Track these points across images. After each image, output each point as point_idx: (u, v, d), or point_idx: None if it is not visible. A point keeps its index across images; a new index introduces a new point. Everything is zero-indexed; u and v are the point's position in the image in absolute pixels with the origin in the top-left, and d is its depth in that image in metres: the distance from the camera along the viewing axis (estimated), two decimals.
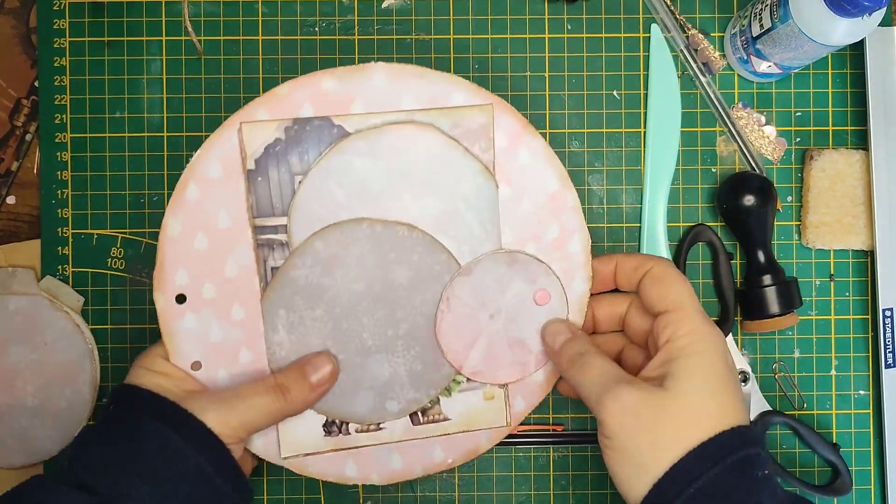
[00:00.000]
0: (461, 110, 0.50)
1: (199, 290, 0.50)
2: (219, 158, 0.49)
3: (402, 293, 0.52)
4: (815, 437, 0.58)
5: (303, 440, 0.52)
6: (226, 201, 0.49)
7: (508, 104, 0.51)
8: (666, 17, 0.59)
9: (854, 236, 0.59)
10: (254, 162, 0.49)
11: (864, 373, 0.60)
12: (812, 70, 0.60)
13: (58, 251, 0.59)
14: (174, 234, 0.49)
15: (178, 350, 0.50)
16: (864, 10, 0.48)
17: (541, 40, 0.60)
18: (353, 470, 0.53)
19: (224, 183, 0.49)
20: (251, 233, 0.50)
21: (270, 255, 0.50)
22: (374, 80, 0.49)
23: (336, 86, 0.49)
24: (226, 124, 0.49)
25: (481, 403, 0.54)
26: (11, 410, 0.57)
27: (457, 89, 0.50)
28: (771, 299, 0.57)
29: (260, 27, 0.59)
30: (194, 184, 0.49)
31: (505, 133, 0.50)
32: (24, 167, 0.60)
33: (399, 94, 0.49)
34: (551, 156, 0.52)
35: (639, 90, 0.60)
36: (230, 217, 0.49)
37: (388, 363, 0.52)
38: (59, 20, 0.59)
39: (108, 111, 0.59)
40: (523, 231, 0.52)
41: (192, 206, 0.49)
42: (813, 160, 0.59)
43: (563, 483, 0.60)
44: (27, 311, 0.57)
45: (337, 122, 0.49)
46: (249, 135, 0.49)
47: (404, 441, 0.54)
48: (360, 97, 0.49)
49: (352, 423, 0.53)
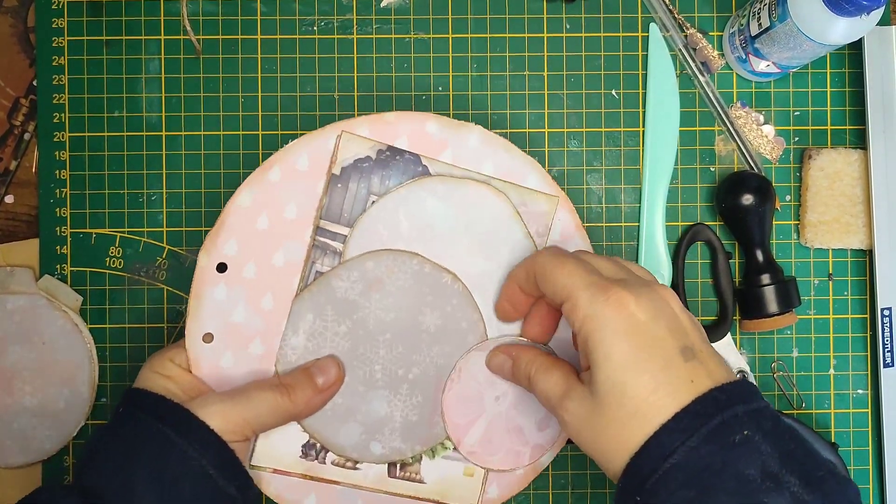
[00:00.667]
0: (532, 192, 0.53)
1: (242, 267, 0.51)
2: (310, 154, 0.51)
3: (425, 338, 0.52)
4: (814, 437, 0.58)
5: (277, 454, 0.52)
6: (301, 195, 0.51)
7: (570, 202, 0.54)
8: (664, 16, 0.59)
9: (852, 235, 0.59)
10: (340, 168, 0.52)
11: (862, 372, 0.60)
12: (810, 69, 0.60)
13: (56, 250, 0.59)
14: (242, 205, 0.51)
15: (198, 315, 0.51)
16: (862, 9, 0.48)
17: (539, 39, 0.60)
18: (313, 502, 0.52)
19: (306, 178, 0.51)
20: (312, 231, 0.51)
21: (321, 259, 0.52)
22: (469, 139, 0.52)
23: (437, 131, 0.52)
24: (329, 127, 0.51)
25: (459, 477, 0.53)
26: (10, 410, 0.57)
27: (533, 172, 0.53)
28: (769, 298, 0.57)
29: (258, 26, 0.59)
30: (279, 167, 0.51)
31: (561, 227, 0.53)
32: (23, 166, 0.60)
33: (485, 157, 0.52)
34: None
35: (637, 89, 0.60)
36: (298, 210, 0.51)
37: (387, 403, 0.52)
38: (58, 19, 0.59)
39: (107, 110, 0.59)
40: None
41: (268, 186, 0.51)
42: (811, 159, 0.59)
43: (562, 482, 0.60)
44: (25, 310, 0.57)
45: (424, 162, 0.52)
46: (346, 144, 0.51)
47: (374, 491, 0.53)
48: (452, 148, 0.52)
49: (329, 454, 0.52)
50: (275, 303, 0.51)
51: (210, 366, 0.51)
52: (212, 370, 0.51)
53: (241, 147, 0.59)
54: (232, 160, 0.59)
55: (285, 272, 0.51)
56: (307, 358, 0.52)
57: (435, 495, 0.53)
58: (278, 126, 0.59)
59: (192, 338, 0.51)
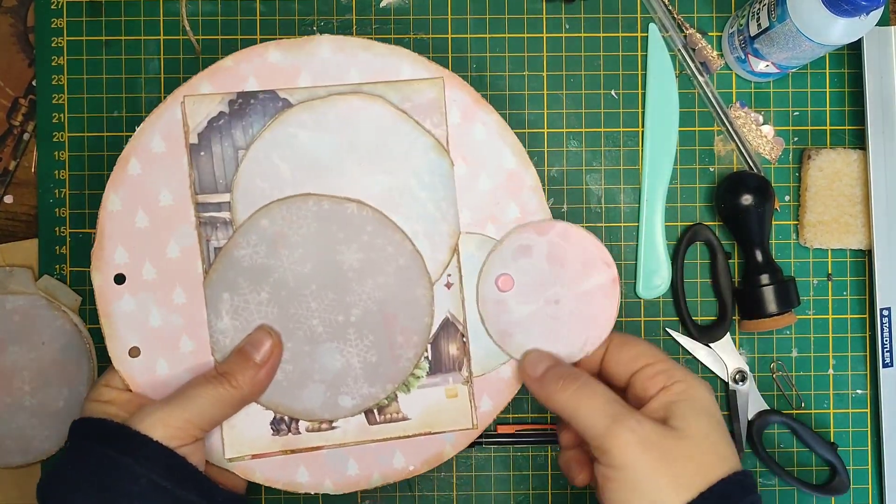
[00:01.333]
0: (410, 84, 0.49)
1: (139, 271, 0.49)
2: (161, 133, 0.48)
3: (353, 276, 0.49)
4: (813, 437, 0.59)
5: (248, 439, 0.50)
6: (168, 178, 0.48)
7: (459, 78, 0.49)
8: (664, 16, 0.59)
9: (852, 236, 0.59)
10: (196, 136, 0.48)
11: (861, 372, 0.60)
12: (809, 69, 0.60)
13: (55, 250, 0.59)
14: (114, 209, 0.48)
15: (115, 334, 0.49)
16: (861, 9, 0.48)
17: (539, 39, 0.60)
18: (304, 476, 0.50)
19: (166, 158, 0.48)
20: (193, 211, 0.48)
21: (214, 234, 0.48)
22: (320, 53, 0.48)
23: (282, 58, 0.48)
24: (169, 98, 0.48)
25: (444, 402, 0.51)
26: (9, 410, 0.57)
27: (404, 62, 0.49)
28: (768, 299, 0.57)
29: (258, 26, 0.59)
30: (136, 158, 0.48)
31: (458, 108, 0.49)
32: (22, 166, 0.60)
33: (345, 66, 0.48)
34: (507, 131, 0.50)
35: (637, 89, 0.60)
36: (172, 194, 0.48)
37: (339, 353, 0.49)
38: (57, 19, 0.59)
39: (106, 110, 0.59)
40: (482, 211, 0.50)
41: (133, 182, 0.48)
42: (811, 159, 0.59)
43: (561, 482, 0.60)
44: (25, 310, 0.57)
45: (282, 96, 0.48)
46: (192, 108, 0.48)
47: (360, 444, 0.50)
48: (306, 70, 0.48)
49: (301, 422, 0.50)
50: (186, 294, 0.49)
51: (147, 379, 0.49)
52: (150, 382, 0.49)
53: None
54: None
55: (184, 260, 0.49)
56: (240, 337, 0.49)
57: (425, 427, 0.51)
58: None
59: (118, 358, 0.49)
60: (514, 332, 0.50)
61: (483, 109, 0.49)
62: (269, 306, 0.49)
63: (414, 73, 0.49)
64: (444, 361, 0.51)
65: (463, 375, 0.51)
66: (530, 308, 0.50)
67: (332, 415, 0.50)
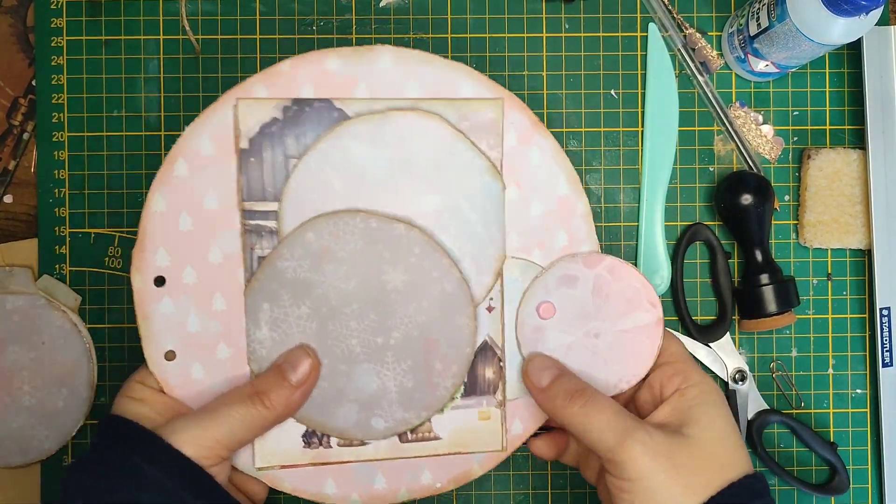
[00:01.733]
0: (469, 103, 0.48)
1: (180, 274, 0.48)
2: (211, 135, 0.46)
3: (396, 298, 0.48)
4: (813, 436, 0.59)
5: (280, 450, 0.49)
6: (215, 182, 0.47)
7: (518, 99, 0.48)
8: (663, 16, 0.59)
9: (851, 235, 0.59)
10: (247, 141, 0.47)
11: (861, 372, 0.60)
12: (809, 69, 0.60)
13: (55, 250, 0.59)
14: (158, 211, 0.47)
15: (151, 337, 0.48)
16: (861, 9, 0.48)
17: (538, 39, 0.60)
18: (332, 487, 0.50)
19: (215, 162, 0.47)
20: (239, 217, 0.47)
21: (258, 242, 0.48)
22: (380, 64, 0.47)
23: (340, 67, 0.46)
24: (221, 100, 0.46)
25: (476, 423, 0.51)
26: (9, 410, 0.57)
27: (465, 80, 0.47)
28: (768, 298, 0.57)
29: (258, 26, 0.59)
30: (183, 160, 0.47)
31: (515, 130, 0.48)
32: (22, 166, 0.60)
33: (403, 80, 0.47)
34: (562, 156, 0.50)
35: (636, 89, 0.60)
36: (218, 199, 0.47)
37: (376, 375, 0.49)
38: (57, 19, 0.59)
39: (106, 110, 0.59)
40: (530, 236, 0.50)
41: (179, 184, 0.47)
42: (810, 159, 0.59)
43: (560, 482, 0.60)
44: (24, 310, 0.57)
45: (338, 106, 0.47)
46: (245, 112, 0.46)
47: (390, 460, 0.50)
48: (363, 81, 0.47)
49: (333, 438, 0.50)
50: (227, 301, 0.48)
51: (181, 383, 0.48)
52: (184, 386, 0.48)
53: None
54: None
55: (226, 267, 0.48)
56: (277, 350, 0.48)
57: (455, 447, 0.51)
58: None
59: (153, 360, 0.48)
60: None
61: (540, 133, 0.49)
62: (309, 321, 0.48)
63: (473, 91, 0.48)
64: (479, 384, 0.51)
65: (497, 399, 0.51)
66: (569, 339, 0.50)
67: (364, 435, 0.50)
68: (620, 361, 0.49)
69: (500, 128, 0.48)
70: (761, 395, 0.59)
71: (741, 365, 0.59)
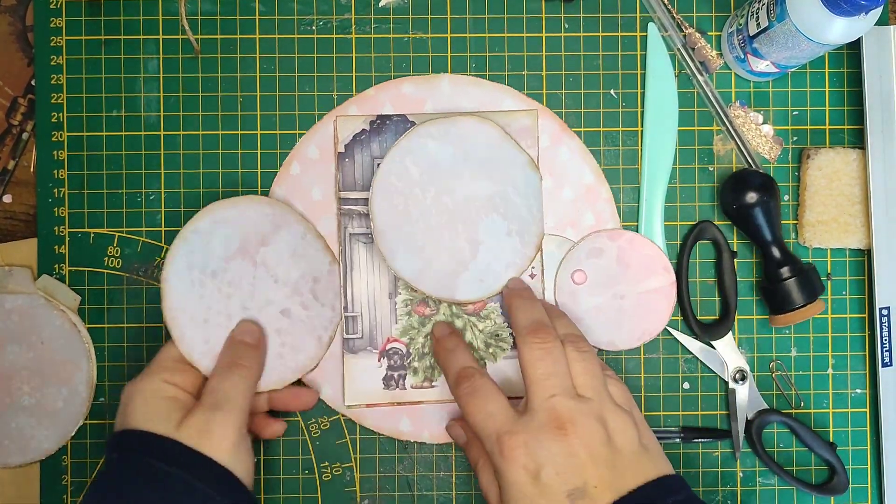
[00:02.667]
0: (510, 113, 0.59)
1: None
2: (317, 143, 0.59)
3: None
4: (812, 436, 0.58)
5: (364, 391, 0.59)
6: (319, 178, 0.59)
7: (549, 110, 0.60)
8: (663, 16, 0.59)
9: (851, 235, 0.59)
10: (343, 146, 0.59)
11: (860, 371, 0.60)
12: (809, 69, 0.60)
13: (54, 250, 0.59)
14: (279, 197, 0.59)
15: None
16: (860, 8, 0.48)
17: (538, 39, 0.60)
18: (407, 426, 0.59)
19: (319, 163, 0.59)
20: (337, 203, 0.59)
21: (350, 223, 0.59)
22: (441, 87, 0.59)
23: (412, 90, 0.59)
24: (326, 117, 0.59)
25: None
26: (8, 409, 0.57)
27: (506, 96, 0.60)
28: (794, 291, 0.56)
29: (257, 26, 0.59)
30: (297, 162, 0.59)
31: (547, 134, 0.59)
32: (21, 166, 0.60)
33: (460, 98, 0.59)
34: (586, 153, 0.60)
35: (636, 89, 0.60)
36: (321, 191, 0.59)
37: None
38: (56, 18, 0.59)
39: (105, 110, 0.59)
40: (564, 217, 0.59)
41: (293, 180, 0.59)
42: (810, 159, 0.59)
43: None
44: (24, 310, 0.57)
45: (411, 119, 0.59)
46: (342, 126, 0.59)
47: (452, 401, 0.56)
48: (430, 100, 0.59)
49: (407, 378, 0.59)
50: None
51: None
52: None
53: (240, 147, 0.59)
54: (230, 160, 0.59)
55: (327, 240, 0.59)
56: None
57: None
58: (276, 126, 0.59)
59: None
60: (584, 318, 0.59)
61: (567, 135, 0.60)
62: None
63: (514, 105, 0.60)
64: None
65: None
66: (599, 300, 0.59)
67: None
68: (642, 317, 0.59)
69: (535, 131, 0.59)
70: (761, 395, 0.59)
71: (742, 364, 0.59)
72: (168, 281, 0.55)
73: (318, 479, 0.59)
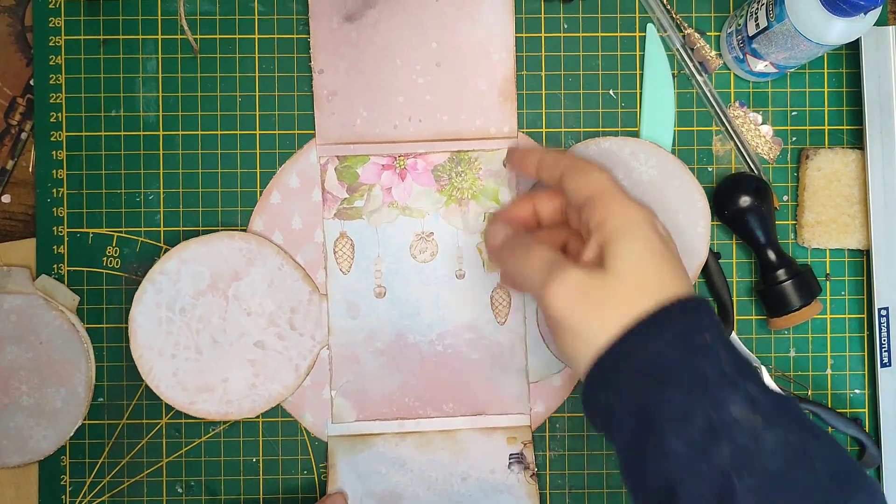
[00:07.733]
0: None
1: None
2: (298, 172, 0.59)
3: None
4: (835, 416, 0.58)
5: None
6: (300, 207, 0.58)
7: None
8: (662, 16, 0.59)
9: (850, 235, 0.59)
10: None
11: (859, 372, 0.60)
12: (808, 69, 0.60)
13: (53, 250, 0.59)
14: (258, 230, 0.59)
15: None
16: (859, 9, 0.48)
17: (537, 39, 0.60)
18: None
19: (300, 192, 0.58)
20: (321, 228, 0.59)
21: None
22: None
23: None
24: (305, 146, 0.58)
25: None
26: (6, 410, 0.57)
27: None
28: (791, 293, 0.57)
29: (256, 25, 0.59)
30: (277, 191, 0.58)
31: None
32: (20, 166, 0.60)
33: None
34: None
35: (635, 89, 0.60)
36: (302, 219, 0.58)
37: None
38: (55, 18, 0.59)
39: (104, 109, 0.59)
40: None
41: (273, 209, 0.58)
42: (809, 159, 0.59)
43: (559, 482, 0.60)
44: (22, 310, 0.57)
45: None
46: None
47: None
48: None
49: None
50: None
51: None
52: None
53: (239, 147, 0.59)
54: (229, 160, 0.59)
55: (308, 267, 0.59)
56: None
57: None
58: (276, 126, 0.59)
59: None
60: None
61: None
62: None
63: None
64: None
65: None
66: None
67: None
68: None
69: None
70: None
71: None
72: (135, 321, 0.56)
73: (317, 480, 0.59)
